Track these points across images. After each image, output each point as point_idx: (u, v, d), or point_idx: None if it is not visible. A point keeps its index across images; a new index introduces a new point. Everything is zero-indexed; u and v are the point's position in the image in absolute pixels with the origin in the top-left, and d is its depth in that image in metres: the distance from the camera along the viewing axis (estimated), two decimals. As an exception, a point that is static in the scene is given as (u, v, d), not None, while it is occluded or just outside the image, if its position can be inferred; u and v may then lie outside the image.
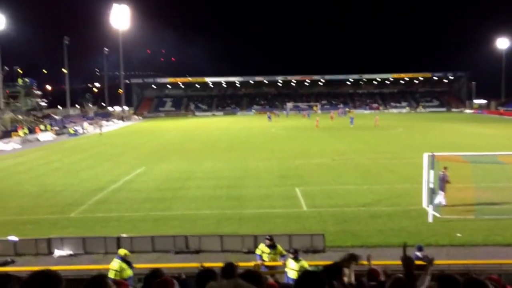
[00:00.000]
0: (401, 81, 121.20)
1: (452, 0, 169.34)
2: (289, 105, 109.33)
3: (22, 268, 12.03)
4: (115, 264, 10.75)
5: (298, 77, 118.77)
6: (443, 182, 18.77)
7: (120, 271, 10.59)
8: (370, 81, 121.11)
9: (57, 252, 14.48)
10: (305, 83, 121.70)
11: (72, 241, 15.00)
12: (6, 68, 66.97)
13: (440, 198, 18.58)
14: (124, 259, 10.90)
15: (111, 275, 10.25)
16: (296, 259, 10.46)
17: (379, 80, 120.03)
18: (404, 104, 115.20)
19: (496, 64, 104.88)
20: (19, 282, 3.07)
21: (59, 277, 2.53)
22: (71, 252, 14.54)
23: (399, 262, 4.73)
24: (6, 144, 46.86)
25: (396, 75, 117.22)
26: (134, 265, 11.08)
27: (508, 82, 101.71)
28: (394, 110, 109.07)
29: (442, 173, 18.81)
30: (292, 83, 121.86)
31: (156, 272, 5.85)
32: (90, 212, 19.50)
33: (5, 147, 45.70)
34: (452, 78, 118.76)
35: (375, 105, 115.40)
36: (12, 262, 13.90)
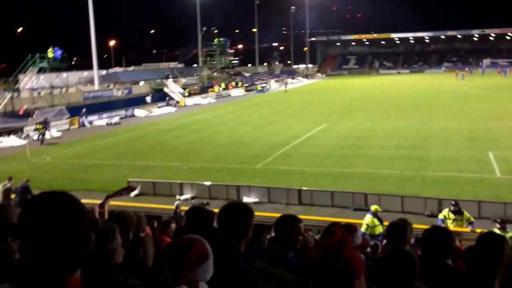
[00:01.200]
0: None
1: None
2: (486, 61, 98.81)
3: (215, 209, 13.38)
4: (367, 218, 11.25)
5: (498, 30, 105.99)
6: None
7: (372, 226, 11.07)
8: None
9: (245, 199, 15.75)
10: (507, 37, 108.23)
11: (258, 189, 16.15)
12: (205, 28, 73.05)
13: None
14: (375, 214, 11.35)
15: (363, 228, 10.73)
16: (503, 229, 9.58)
17: None
18: None
19: None
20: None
21: (250, 208, 2.78)
22: (256, 200, 15.67)
23: None
24: (203, 98, 51.81)
25: None
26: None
27: None
28: None
29: None
30: (490, 37, 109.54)
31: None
32: (274, 165, 20.64)
33: (203, 101, 50.59)
34: None
35: None
36: (207, 205, 15.55)
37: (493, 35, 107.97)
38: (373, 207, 11.60)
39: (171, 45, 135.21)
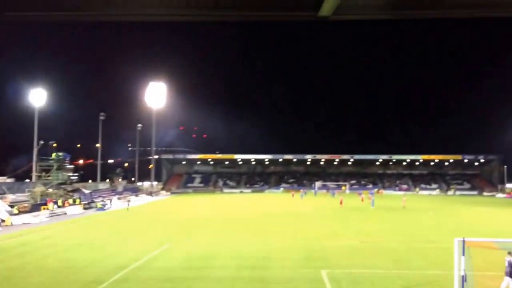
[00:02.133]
0: (431, 163, 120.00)
1: (482, 84, 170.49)
2: (318, 184, 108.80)
3: None
4: None
5: (327, 156, 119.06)
6: (510, 267, 17.61)
7: None
8: (399, 161, 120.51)
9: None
10: (334, 163, 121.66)
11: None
12: (42, 142, 69.43)
13: (505, 285, 17.45)
14: None
15: None
16: None
17: (409, 161, 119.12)
18: (434, 186, 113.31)
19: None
20: None
21: None
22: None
23: None
24: (34, 217, 47.47)
25: (426, 157, 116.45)
26: None
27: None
28: (425, 192, 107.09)
29: (509, 258, 17.69)
30: (321, 162, 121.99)
31: None
32: (110, 290, 19.18)
33: (33, 219, 46.26)
34: (483, 161, 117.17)
35: (404, 186, 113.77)
36: None
37: (323, 160, 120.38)
38: None
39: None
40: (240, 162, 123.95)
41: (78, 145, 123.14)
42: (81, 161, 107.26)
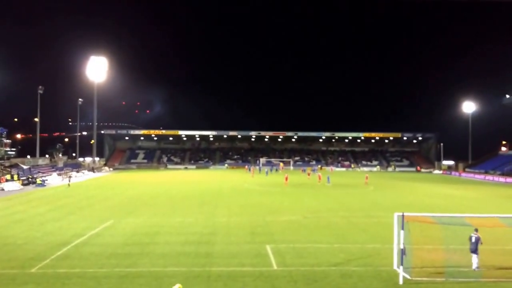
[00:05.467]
0: (372, 140, 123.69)
1: (421, 65, 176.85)
2: (262, 160, 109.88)
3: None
4: None
5: (271, 133, 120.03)
6: (476, 245, 18.31)
7: None
8: (342, 139, 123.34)
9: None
10: (278, 139, 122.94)
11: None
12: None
13: (475, 261, 18.27)
14: None
15: None
16: None
17: (351, 138, 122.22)
18: (375, 163, 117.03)
19: (463, 127, 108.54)
20: None
21: None
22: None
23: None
24: (-31, 193, 45.29)
25: (367, 134, 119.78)
26: None
27: (474, 145, 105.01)
28: (365, 169, 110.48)
29: (475, 235, 18.36)
30: (265, 139, 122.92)
31: None
32: (52, 268, 18.65)
33: (-32, 196, 44.14)
34: (421, 139, 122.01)
35: (346, 163, 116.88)
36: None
37: (268, 136, 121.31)
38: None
39: None
40: (185, 138, 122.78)
41: (15, 119, 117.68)
42: (18, 136, 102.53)
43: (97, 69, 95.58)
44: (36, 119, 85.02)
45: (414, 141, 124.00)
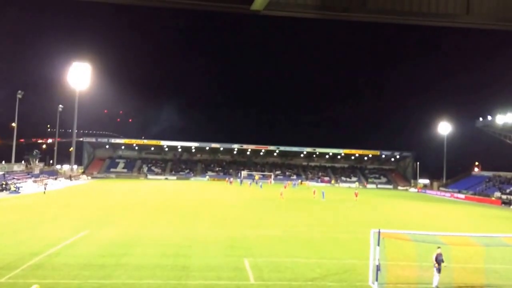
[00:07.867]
0: (352, 157, 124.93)
1: (401, 87, 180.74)
2: (244, 173, 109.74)
3: None
4: None
5: (253, 146, 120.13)
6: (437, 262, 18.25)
7: None
8: (322, 154, 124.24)
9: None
10: (261, 153, 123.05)
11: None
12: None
13: (436, 279, 18.22)
14: None
15: None
16: None
17: (331, 154, 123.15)
18: (354, 179, 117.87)
19: (438, 147, 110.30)
20: None
21: None
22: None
23: None
24: None
25: (347, 151, 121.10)
26: None
27: (449, 164, 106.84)
28: (345, 185, 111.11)
29: (439, 253, 18.35)
30: (247, 152, 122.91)
31: None
32: (22, 278, 18.21)
33: None
34: (398, 157, 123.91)
35: (326, 178, 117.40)
36: None
37: (250, 150, 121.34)
38: None
39: None
40: (166, 149, 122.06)
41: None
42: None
43: (79, 75, 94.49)
44: (13, 124, 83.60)
45: (392, 159, 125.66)
